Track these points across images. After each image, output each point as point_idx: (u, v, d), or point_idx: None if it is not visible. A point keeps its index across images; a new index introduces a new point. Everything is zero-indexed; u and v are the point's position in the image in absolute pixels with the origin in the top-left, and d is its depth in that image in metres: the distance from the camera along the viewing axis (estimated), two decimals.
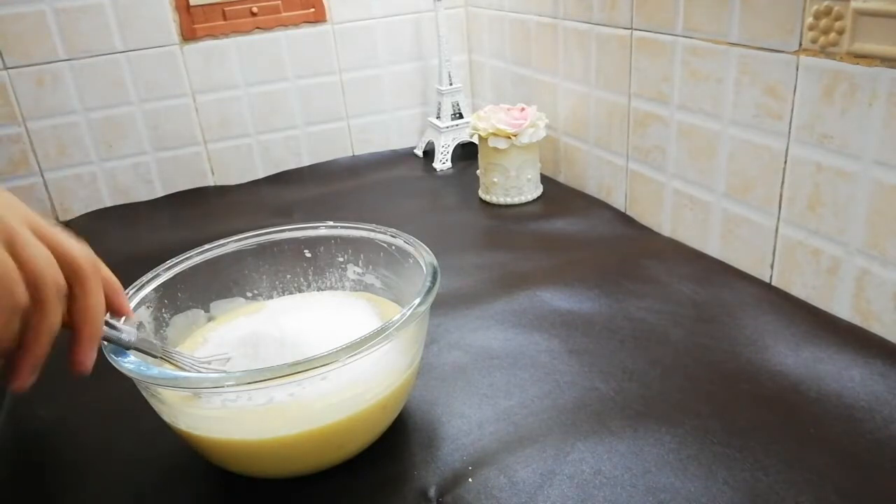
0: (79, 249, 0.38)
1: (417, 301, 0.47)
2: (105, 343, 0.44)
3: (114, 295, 0.43)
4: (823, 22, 0.57)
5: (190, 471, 0.51)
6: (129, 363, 0.43)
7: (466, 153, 1.15)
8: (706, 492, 0.45)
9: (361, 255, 0.60)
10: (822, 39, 0.58)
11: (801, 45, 0.60)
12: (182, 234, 0.94)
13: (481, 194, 0.99)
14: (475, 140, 1.02)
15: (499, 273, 0.77)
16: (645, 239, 0.83)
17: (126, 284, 0.52)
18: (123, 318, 0.46)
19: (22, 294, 0.34)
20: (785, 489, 0.45)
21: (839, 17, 0.56)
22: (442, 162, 1.14)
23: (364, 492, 0.48)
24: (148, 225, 1.02)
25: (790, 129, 0.63)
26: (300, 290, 0.62)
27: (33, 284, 0.35)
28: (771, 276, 0.69)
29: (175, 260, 0.56)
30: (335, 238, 0.61)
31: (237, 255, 0.59)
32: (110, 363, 0.43)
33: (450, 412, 0.55)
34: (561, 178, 1.03)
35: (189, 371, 0.48)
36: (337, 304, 0.60)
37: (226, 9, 1.06)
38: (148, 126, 1.07)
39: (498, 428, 0.53)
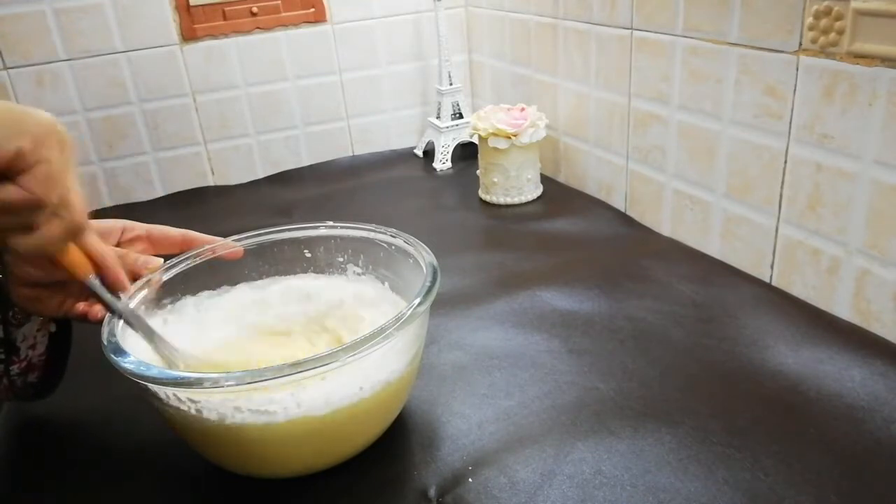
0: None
1: (417, 301, 0.47)
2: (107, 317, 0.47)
3: (106, 264, 0.46)
4: (823, 22, 0.57)
5: (190, 471, 0.51)
6: (129, 363, 0.43)
7: (466, 153, 1.15)
8: (706, 492, 0.45)
9: (361, 255, 0.60)
10: (822, 39, 0.58)
11: (801, 45, 0.60)
12: None
13: (481, 194, 0.99)
14: (475, 140, 1.02)
15: (499, 273, 0.77)
16: (645, 239, 0.83)
17: None
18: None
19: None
20: (785, 489, 0.45)
21: (839, 17, 0.56)
22: (442, 162, 1.14)
23: (364, 492, 0.48)
24: None
25: (790, 129, 0.63)
26: None
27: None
28: (771, 276, 0.69)
29: (175, 260, 0.56)
30: (335, 238, 0.60)
31: None
32: (110, 363, 0.44)
33: (450, 412, 0.55)
34: (561, 178, 1.03)
35: (165, 357, 0.50)
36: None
37: (226, 9, 1.06)
38: (148, 126, 1.07)
39: (498, 428, 0.53)
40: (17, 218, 0.38)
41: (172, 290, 0.55)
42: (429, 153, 1.20)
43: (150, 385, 0.44)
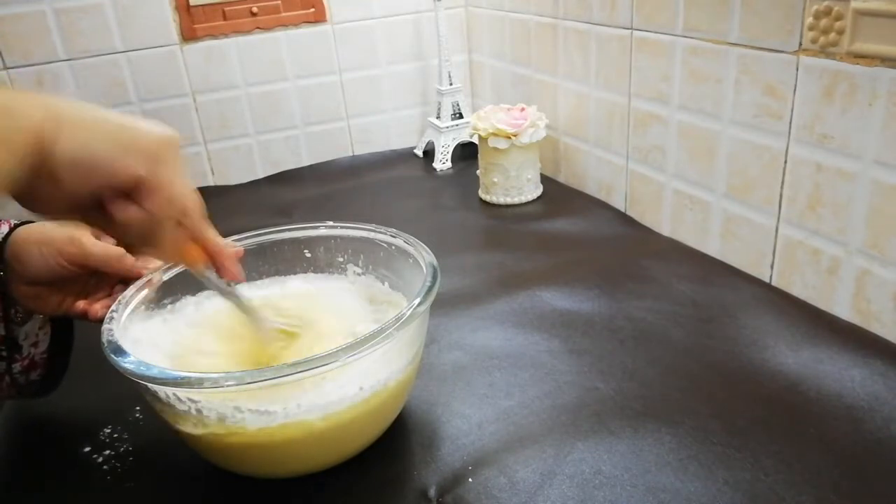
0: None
1: (417, 301, 0.47)
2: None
3: (221, 257, 0.47)
4: (823, 22, 0.57)
5: (190, 471, 0.51)
6: (129, 363, 0.43)
7: (466, 153, 1.15)
8: (706, 492, 0.45)
9: (361, 255, 0.60)
10: (822, 39, 0.58)
11: (801, 45, 0.60)
12: None
13: (481, 194, 0.99)
14: (475, 140, 1.02)
15: (499, 273, 0.77)
16: (645, 239, 0.83)
17: (127, 284, 0.53)
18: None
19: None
20: (785, 489, 0.45)
21: (839, 17, 0.56)
22: (442, 162, 1.14)
23: (364, 492, 0.48)
24: None
25: (790, 129, 0.63)
26: None
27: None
28: (771, 276, 0.69)
29: None
30: (335, 238, 0.60)
31: None
32: (110, 363, 0.44)
33: (450, 412, 0.55)
34: (561, 178, 1.03)
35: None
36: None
37: (226, 9, 1.06)
38: None
39: (498, 428, 0.53)
40: (141, 231, 0.40)
41: (172, 290, 0.55)
42: (429, 153, 1.20)
43: (150, 385, 0.44)
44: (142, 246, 0.43)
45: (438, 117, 1.16)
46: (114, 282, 0.55)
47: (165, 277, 0.54)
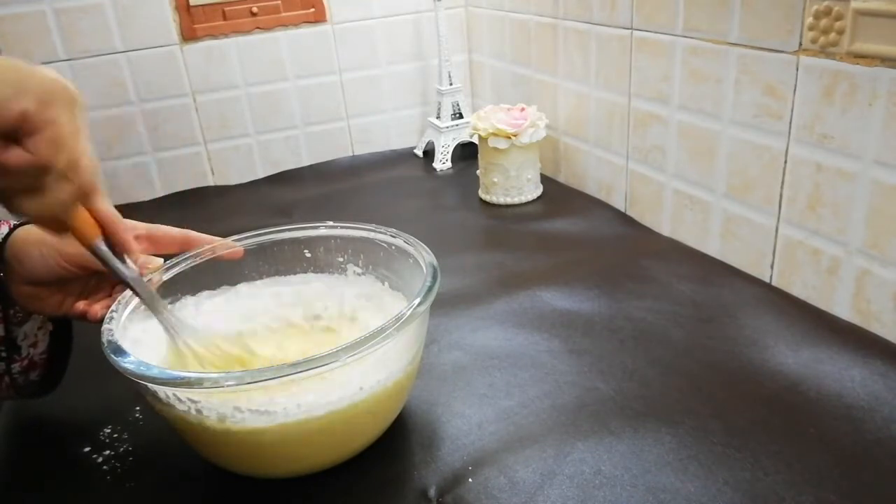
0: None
1: (417, 301, 0.47)
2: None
3: (115, 227, 0.44)
4: (823, 22, 0.57)
5: (190, 471, 0.51)
6: (129, 363, 0.43)
7: (466, 153, 1.15)
8: (706, 492, 0.45)
9: (361, 255, 0.60)
10: (822, 39, 0.58)
11: (801, 45, 0.60)
12: None
13: (481, 194, 0.99)
14: (475, 140, 1.02)
15: (499, 273, 0.77)
16: (645, 239, 0.83)
17: None
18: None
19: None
20: (785, 489, 0.45)
21: (839, 17, 0.56)
22: (442, 162, 1.14)
23: (364, 492, 0.48)
24: None
25: (790, 129, 0.63)
26: None
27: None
28: (771, 276, 0.69)
29: (175, 260, 0.56)
30: (335, 238, 0.60)
31: None
32: (110, 363, 0.44)
33: (450, 412, 0.55)
34: (561, 178, 1.03)
35: (169, 329, 0.50)
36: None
37: (226, 9, 1.06)
38: (148, 126, 1.07)
39: (498, 428, 0.53)
40: (24, 180, 0.37)
41: (172, 290, 0.55)
42: (429, 153, 1.20)
43: (150, 385, 0.44)
44: (24, 197, 0.38)
45: (438, 117, 1.16)
46: (114, 282, 0.55)
47: (165, 277, 0.55)
